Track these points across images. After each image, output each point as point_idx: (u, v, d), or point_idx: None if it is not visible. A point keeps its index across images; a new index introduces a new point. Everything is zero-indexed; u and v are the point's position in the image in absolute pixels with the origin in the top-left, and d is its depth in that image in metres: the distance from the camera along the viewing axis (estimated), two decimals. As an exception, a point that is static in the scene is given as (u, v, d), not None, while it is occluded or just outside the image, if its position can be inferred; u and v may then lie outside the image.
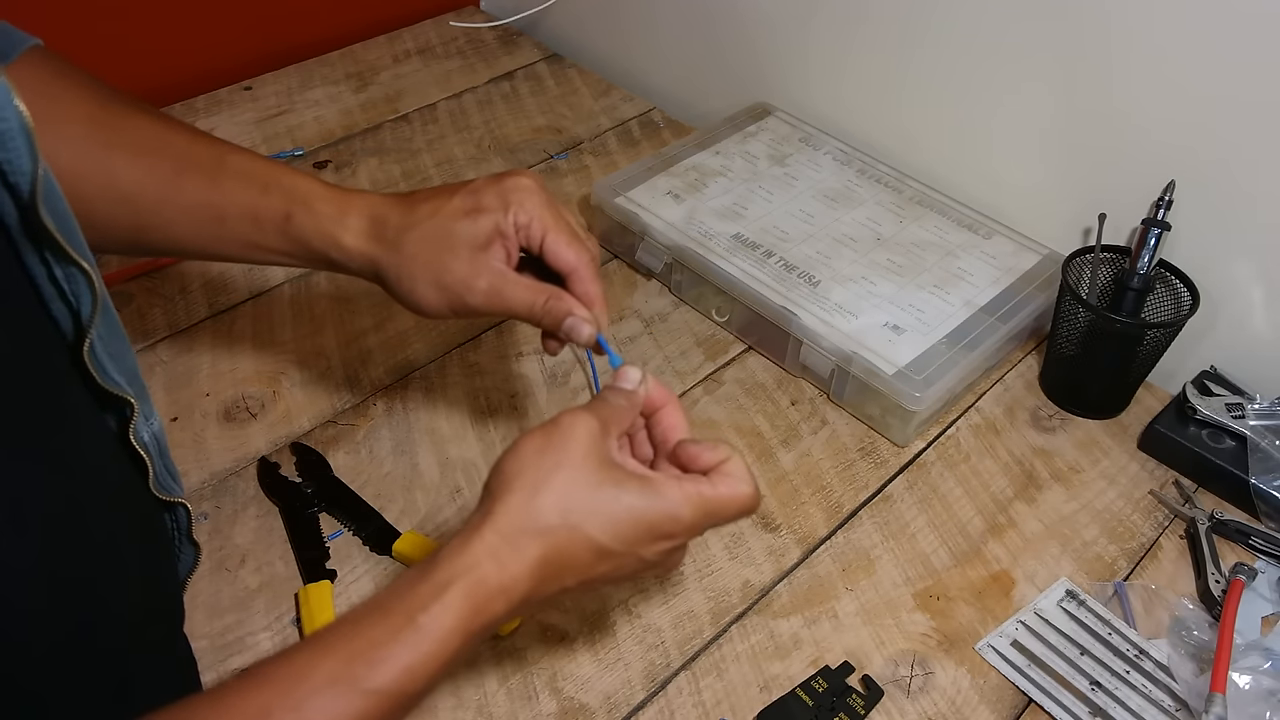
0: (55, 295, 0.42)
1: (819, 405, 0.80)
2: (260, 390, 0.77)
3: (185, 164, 0.56)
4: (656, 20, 1.13)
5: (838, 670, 0.62)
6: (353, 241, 0.56)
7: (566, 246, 0.57)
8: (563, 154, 1.04)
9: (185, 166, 0.56)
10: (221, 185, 0.56)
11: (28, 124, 0.37)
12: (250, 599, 0.64)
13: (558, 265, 0.57)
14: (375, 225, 0.56)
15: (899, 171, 0.95)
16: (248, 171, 0.57)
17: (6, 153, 0.37)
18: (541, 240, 0.57)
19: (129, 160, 0.55)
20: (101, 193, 0.53)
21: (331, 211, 0.56)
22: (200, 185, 0.56)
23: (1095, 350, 0.76)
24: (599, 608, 0.65)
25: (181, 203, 0.55)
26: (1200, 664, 0.63)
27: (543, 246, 0.57)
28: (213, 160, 0.57)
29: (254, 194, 0.56)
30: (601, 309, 0.57)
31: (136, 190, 0.55)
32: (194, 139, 0.57)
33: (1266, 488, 0.71)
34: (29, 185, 0.38)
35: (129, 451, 0.49)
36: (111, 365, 0.45)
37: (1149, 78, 0.77)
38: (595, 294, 0.57)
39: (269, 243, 0.57)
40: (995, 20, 0.84)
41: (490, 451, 0.74)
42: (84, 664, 0.39)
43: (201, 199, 0.56)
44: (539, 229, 0.56)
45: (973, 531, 0.71)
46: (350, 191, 0.57)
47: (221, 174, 0.56)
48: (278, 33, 1.15)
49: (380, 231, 0.56)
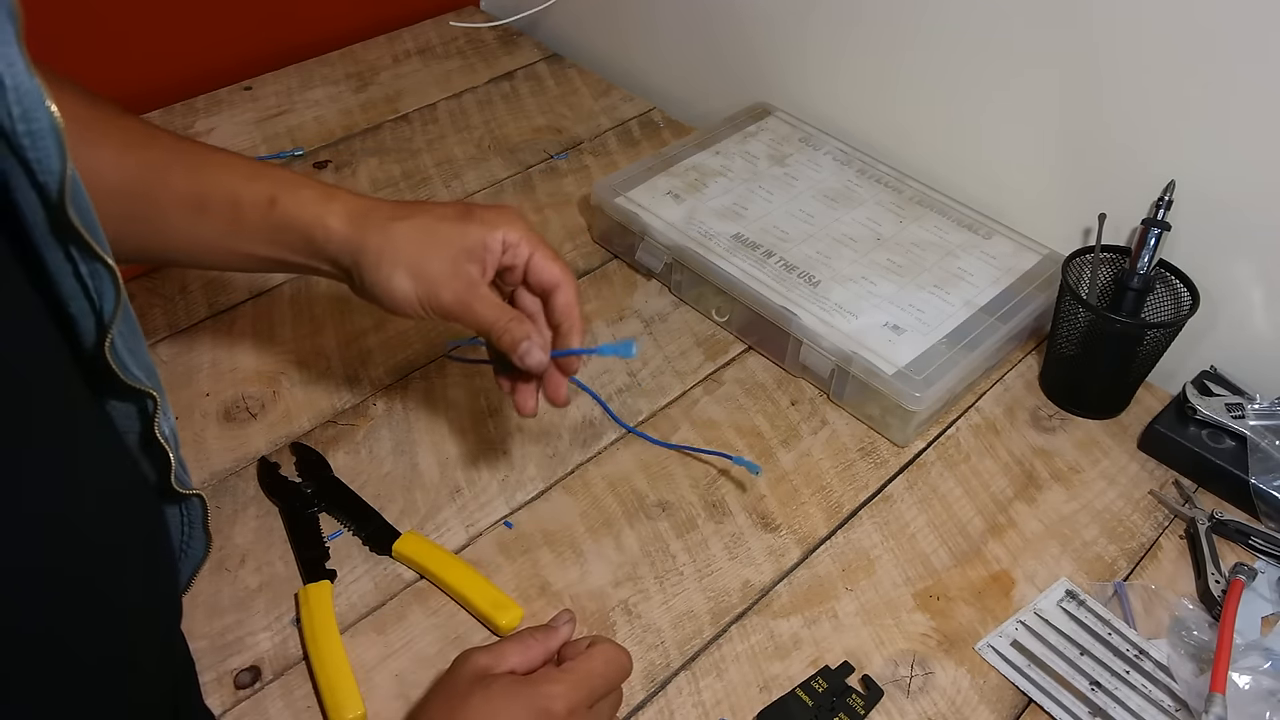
0: (78, 292, 0.42)
1: (819, 405, 0.80)
2: (260, 390, 0.77)
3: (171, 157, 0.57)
4: (656, 20, 1.13)
5: (838, 670, 0.62)
6: (337, 223, 0.58)
7: (552, 262, 0.60)
8: (563, 154, 1.04)
9: (171, 160, 0.57)
10: (206, 174, 0.57)
11: (59, 125, 0.37)
12: (250, 599, 0.64)
13: (543, 279, 0.60)
14: (362, 213, 0.58)
15: (899, 171, 0.95)
16: (233, 164, 0.59)
17: (37, 152, 0.37)
18: (529, 257, 0.60)
19: (116, 156, 0.56)
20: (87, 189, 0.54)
21: (318, 196, 0.58)
22: (185, 176, 0.57)
23: (1095, 350, 0.76)
24: (599, 607, 0.65)
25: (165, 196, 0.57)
26: (1200, 664, 0.63)
27: (529, 262, 0.60)
28: (198, 154, 0.58)
29: (239, 181, 0.58)
30: (579, 322, 0.61)
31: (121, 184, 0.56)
32: (179, 138, 0.59)
33: (1266, 488, 0.71)
34: (58, 185, 0.38)
35: (147, 447, 0.49)
36: (131, 361, 0.46)
37: (1150, 77, 0.77)
38: (574, 306, 0.61)
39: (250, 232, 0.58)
40: (995, 20, 0.84)
41: (490, 451, 0.74)
42: (82, 664, 0.39)
43: (185, 189, 0.57)
44: (527, 247, 0.60)
45: (973, 531, 0.71)
46: (337, 186, 0.60)
47: (206, 165, 0.58)
48: (278, 33, 1.15)
49: (367, 218, 0.58)
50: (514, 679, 0.50)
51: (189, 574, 0.58)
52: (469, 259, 0.58)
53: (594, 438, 0.76)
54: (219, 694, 0.59)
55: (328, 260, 0.59)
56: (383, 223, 0.58)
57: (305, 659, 0.60)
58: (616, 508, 0.71)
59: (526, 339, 0.58)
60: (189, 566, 0.57)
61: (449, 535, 0.68)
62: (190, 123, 1.03)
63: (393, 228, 0.57)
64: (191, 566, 0.58)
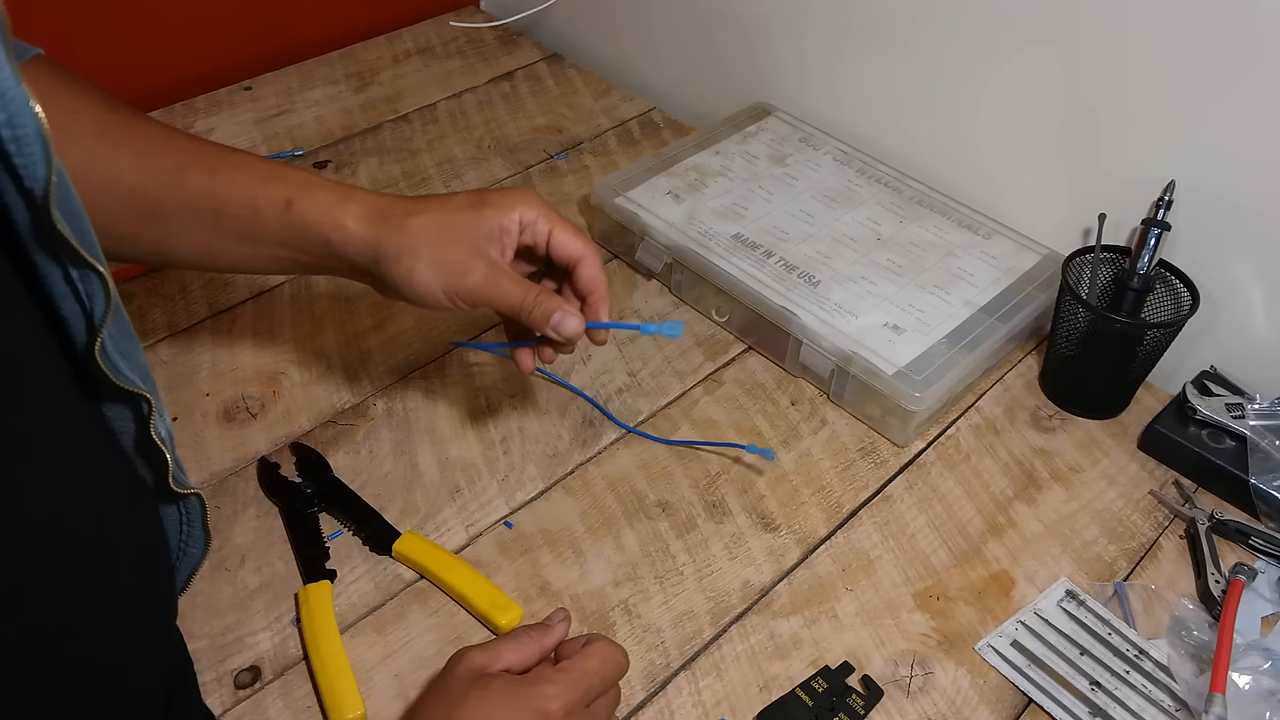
0: (68, 295, 0.42)
1: (819, 405, 0.80)
2: (260, 390, 0.77)
3: (188, 160, 0.58)
4: (656, 20, 1.13)
5: (837, 670, 0.62)
6: (354, 224, 0.58)
7: (573, 237, 0.61)
8: (563, 154, 1.04)
9: (188, 163, 0.58)
10: (222, 176, 0.58)
11: (44, 130, 0.37)
12: (250, 599, 0.64)
13: (565, 253, 0.61)
14: (378, 211, 0.59)
15: (899, 171, 0.95)
16: (250, 165, 0.59)
17: (22, 157, 0.37)
18: (549, 234, 0.61)
19: (135, 158, 0.56)
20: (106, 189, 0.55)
21: (334, 198, 0.59)
22: (202, 178, 0.57)
23: (1095, 350, 0.76)
24: (598, 607, 0.65)
25: (183, 196, 0.57)
26: (1200, 664, 0.63)
27: (550, 239, 0.61)
28: (215, 156, 0.59)
29: (255, 183, 0.58)
30: (606, 293, 0.62)
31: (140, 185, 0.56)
32: (199, 140, 0.60)
33: (1266, 488, 0.71)
34: (43, 189, 0.38)
35: (143, 448, 0.49)
36: (124, 363, 0.46)
37: (1149, 77, 0.77)
38: (602, 279, 0.62)
39: (266, 234, 0.58)
40: (995, 20, 0.84)
41: (490, 451, 0.74)
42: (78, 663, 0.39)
43: (202, 190, 0.57)
44: (545, 224, 0.61)
45: (973, 531, 0.71)
46: (352, 186, 0.60)
47: (223, 167, 0.58)
48: (278, 33, 1.15)
49: (384, 216, 0.59)
50: (510, 679, 0.50)
51: (188, 573, 0.58)
52: (489, 243, 0.59)
53: (594, 438, 0.76)
54: (219, 694, 0.59)
55: (345, 261, 0.60)
56: (400, 220, 0.58)
57: (305, 659, 0.60)
58: (616, 508, 0.71)
59: (558, 310, 0.59)
60: (188, 566, 0.57)
61: (449, 535, 0.68)
62: (190, 123, 1.03)
63: (410, 223, 0.58)
64: (190, 566, 0.58)
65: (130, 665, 0.44)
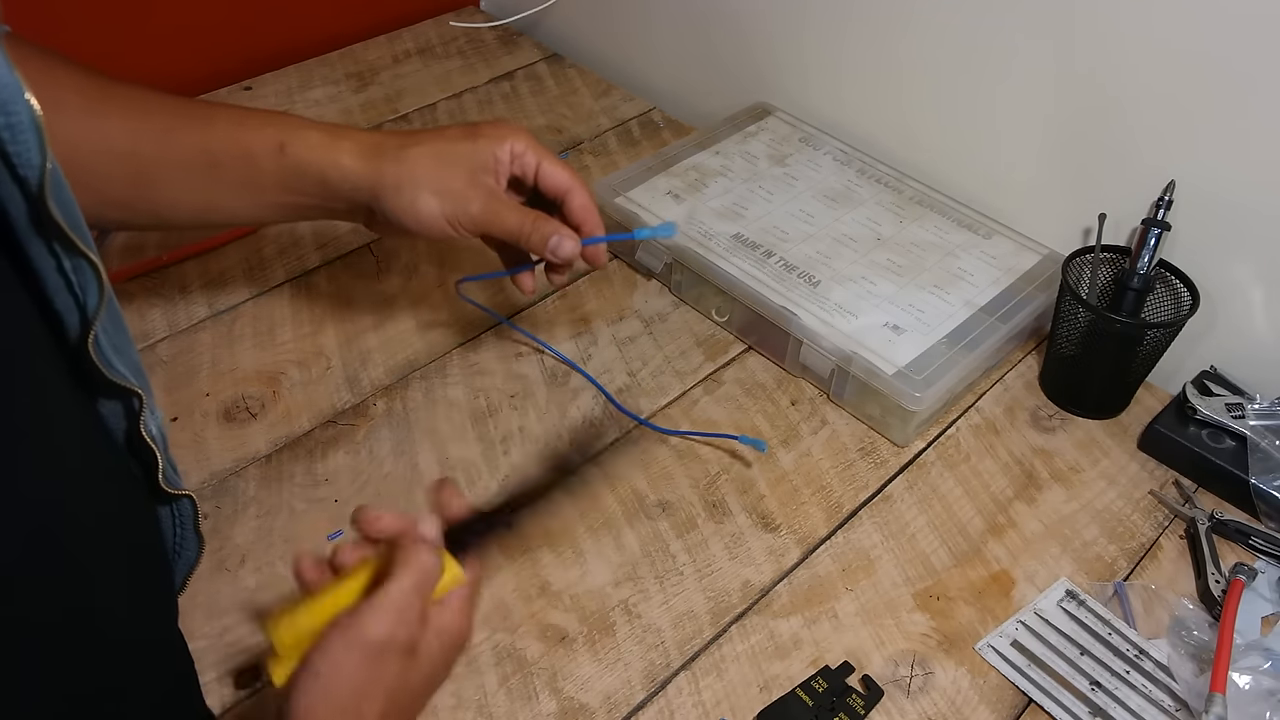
0: (62, 287, 0.42)
1: (819, 405, 0.80)
2: (260, 390, 0.77)
3: (178, 117, 0.59)
4: (656, 20, 1.13)
5: (838, 670, 0.62)
6: (350, 160, 0.60)
7: (561, 169, 0.64)
8: (563, 154, 1.04)
9: (178, 120, 0.58)
10: (214, 130, 0.59)
11: (38, 118, 0.37)
12: (250, 599, 0.64)
13: (554, 184, 0.64)
14: (373, 146, 0.60)
15: (899, 171, 0.95)
16: (240, 117, 0.60)
17: (16, 145, 0.37)
18: (537, 165, 0.63)
19: (122, 119, 0.57)
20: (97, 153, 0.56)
21: (327, 138, 0.60)
22: (193, 134, 0.58)
23: (1095, 350, 0.76)
24: (598, 607, 0.65)
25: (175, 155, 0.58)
26: (1200, 664, 0.63)
27: (539, 170, 0.64)
28: (204, 110, 0.60)
29: (247, 132, 0.59)
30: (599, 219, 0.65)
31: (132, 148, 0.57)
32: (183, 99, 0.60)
33: (1266, 488, 0.71)
34: (38, 178, 0.38)
35: (134, 445, 0.49)
36: (116, 358, 0.46)
37: (1149, 77, 0.77)
38: (593, 208, 0.65)
39: (263, 180, 0.59)
40: (995, 19, 0.84)
41: (490, 451, 0.74)
42: (77, 663, 0.39)
43: (195, 146, 0.58)
44: (534, 156, 0.63)
45: (973, 531, 0.71)
46: (343, 125, 0.62)
47: (213, 120, 0.59)
48: (278, 33, 1.15)
49: (379, 150, 0.60)
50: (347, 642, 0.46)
51: (183, 576, 0.58)
52: (484, 172, 0.62)
53: (594, 438, 0.75)
54: (219, 694, 0.59)
55: (343, 199, 0.61)
56: (396, 152, 0.60)
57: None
58: (616, 507, 0.71)
59: (555, 234, 0.62)
60: (183, 568, 0.57)
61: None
62: (190, 123, 1.03)
63: (407, 154, 0.60)
64: (185, 568, 0.57)
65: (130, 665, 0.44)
